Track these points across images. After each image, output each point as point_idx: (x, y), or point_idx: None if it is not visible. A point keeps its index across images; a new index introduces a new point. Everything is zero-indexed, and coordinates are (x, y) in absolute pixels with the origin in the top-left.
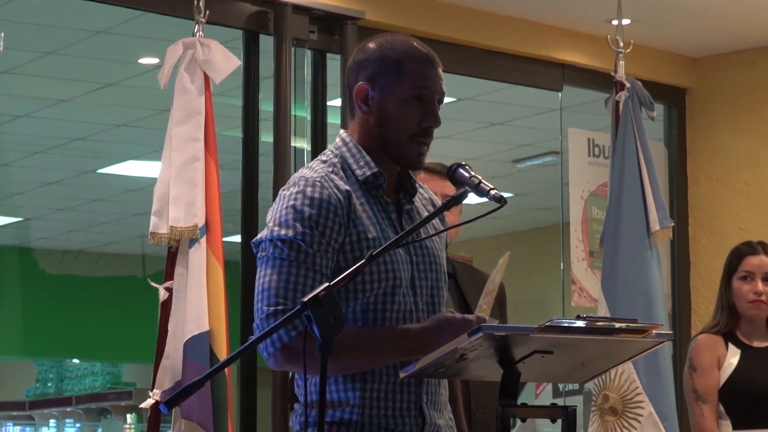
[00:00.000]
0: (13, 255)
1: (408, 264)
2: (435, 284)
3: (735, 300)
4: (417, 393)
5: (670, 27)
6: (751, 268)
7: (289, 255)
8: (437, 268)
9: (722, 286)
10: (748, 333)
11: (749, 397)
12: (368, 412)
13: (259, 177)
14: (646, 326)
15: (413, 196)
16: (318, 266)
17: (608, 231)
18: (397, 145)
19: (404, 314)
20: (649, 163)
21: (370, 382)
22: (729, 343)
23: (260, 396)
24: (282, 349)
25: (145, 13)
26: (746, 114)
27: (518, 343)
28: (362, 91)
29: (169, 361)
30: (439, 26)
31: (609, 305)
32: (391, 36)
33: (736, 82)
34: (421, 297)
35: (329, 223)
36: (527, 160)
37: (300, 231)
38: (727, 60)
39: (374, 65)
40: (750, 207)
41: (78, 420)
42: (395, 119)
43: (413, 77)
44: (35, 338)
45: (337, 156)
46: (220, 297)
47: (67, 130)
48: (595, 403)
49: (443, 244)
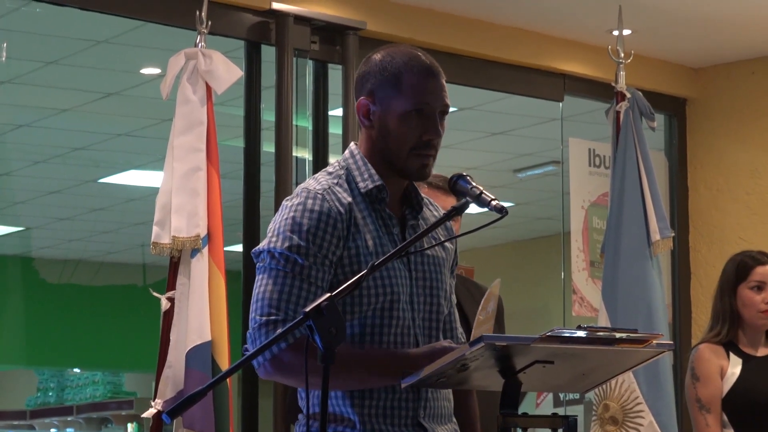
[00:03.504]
0: (15, 264)
1: (407, 279)
2: (434, 300)
3: (742, 309)
4: (415, 408)
5: (671, 37)
6: (763, 278)
7: (285, 266)
8: (438, 285)
9: (725, 295)
10: (749, 342)
11: (753, 406)
12: (369, 425)
13: (261, 186)
14: (647, 336)
15: (419, 212)
16: (313, 278)
17: (609, 241)
18: (399, 159)
19: (402, 329)
20: (649, 173)
21: (368, 399)
22: (730, 353)
23: (262, 405)
24: (271, 360)
25: (147, 24)
26: (747, 124)
27: (519, 353)
28: (363, 106)
29: (171, 371)
30: (440, 36)
31: (610, 315)
32: (394, 48)
33: (737, 92)
34: (419, 313)
35: (327, 236)
36: (528, 169)
37: (297, 243)
38: (728, 70)
39: (374, 79)
40: (750, 216)
41: (79, 429)
42: (396, 134)
43: (412, 92)
44: (36, 347)
45: (343, 168)
46: (222, 307)
47: (69, 140)
48: (595, 412)
49: (449, 260)
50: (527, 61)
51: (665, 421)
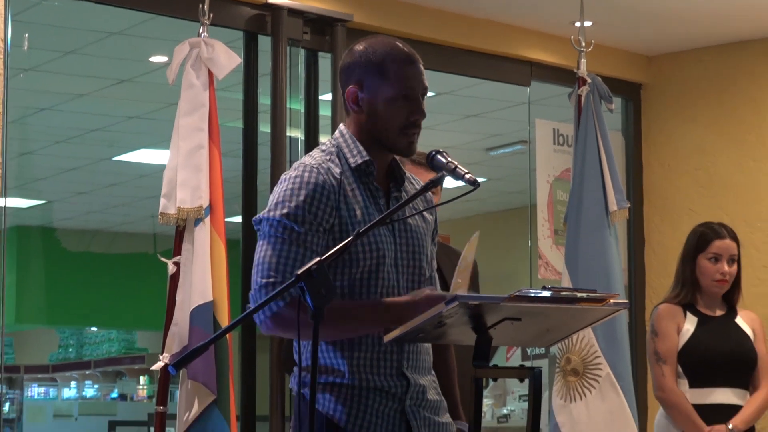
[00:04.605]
0: (38, 234)
1: (392, 244)
2: (417, 264)
3: (700, 277)
4: (398, 360)
5: (627, 29)
6: (719, 251)
7: (283, 233)
8: (420, 249)
9: (686, 263)
10: (706, 305)
11: (704, 359)
12: (357, 376)
13: (258, 164)
14: (605, 296)
15: (402, 185)
16: (309, 244)
17: (571, 211)
18: (389, 138)
19: (387, 289)
20: (607, 151)
21: (357, 351)
22: (687, 312)
23: (259, 359)
24: (272, 317)
25: (156, 16)
26: (695, 107)
27: (490, 311)
28: (352, 94)
29: (177, 328)
30: (419, 27)
31: (572, 277)
32: (374, 39)
33: (687, 79)
34: (403, 275)
35: (321, 206)
36: (499, 148)
37: (294, 212)
38: (679, 58)
39: (360, 69)
40: (698, 189)
41: (96, 382)
42: (385, 117)
43: (397, 79)
44: (58, 309)
45: (335, 146)
46: (223, 271)
47: (86, 122)
48: (559, 365)
49: (430, 229)
50: (498, 50)
51: (621, 372)
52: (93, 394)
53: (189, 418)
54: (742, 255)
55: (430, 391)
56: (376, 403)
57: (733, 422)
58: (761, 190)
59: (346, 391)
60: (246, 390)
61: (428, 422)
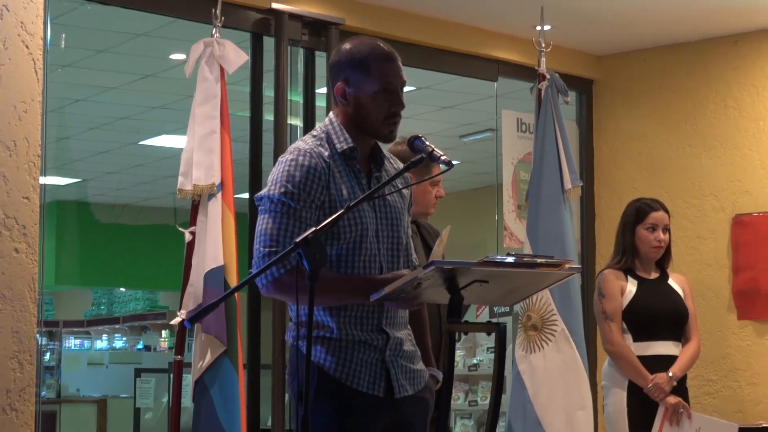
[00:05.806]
0: (74, 208)
1: (374, 219)
2: (395, 235)
3: (639, 244)
4: (378, 318)
5: (582, 32)
6: (655, 222)
7: (282, 209)
8: (398, 223)
9: (626, 233)
10: (644, 269)
11: (645, 316)
12: (344, 331)
13: (263, 148)
14: (561, 261)
15: (382, 166)
16: (303, 218)
17: (532, 189)
18: (373, 128)
19: (370, 257)
20: (564, 137)
21: (343, 310)
22: (628, 276)
23: (263, 316)
24: (273, 282)
25: (175, 20)
26: (639, 100)
27: (462, 275)
28: (340, 89)
29: (193, 289)
30: (402, 30)
31: (532, 246)
32: (358, 39)
33: (632, 76)
34: (384, 244)
35: (314, 185)
36: (470, 135)
37: (290, 190)
38: (625, 58)
39: (346, 67)
40: (641, 171)
41: (124, 335)
42: (369, 109)
43: (379, 75)
44: (91, 272)
45: (324, 132)
46: (232, 239)
47: (115, 111)
48: (520, 321)
49: (406, 203)
50: (470, 49)
51: (574, 328)
52: (121, 345)
53: (203, 365)
54: (679, 227)
55: (406, 343)
56: (360, 354)
57: (672, 370)
58: (695, 171)
59: (334, 344)
60: (252, 342)
61: (404, 369)
